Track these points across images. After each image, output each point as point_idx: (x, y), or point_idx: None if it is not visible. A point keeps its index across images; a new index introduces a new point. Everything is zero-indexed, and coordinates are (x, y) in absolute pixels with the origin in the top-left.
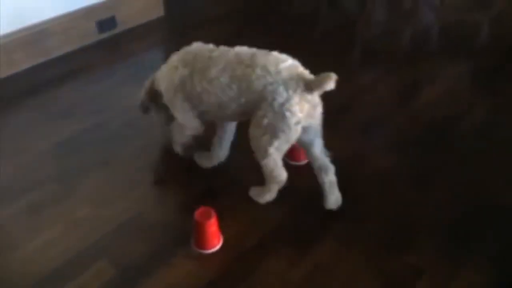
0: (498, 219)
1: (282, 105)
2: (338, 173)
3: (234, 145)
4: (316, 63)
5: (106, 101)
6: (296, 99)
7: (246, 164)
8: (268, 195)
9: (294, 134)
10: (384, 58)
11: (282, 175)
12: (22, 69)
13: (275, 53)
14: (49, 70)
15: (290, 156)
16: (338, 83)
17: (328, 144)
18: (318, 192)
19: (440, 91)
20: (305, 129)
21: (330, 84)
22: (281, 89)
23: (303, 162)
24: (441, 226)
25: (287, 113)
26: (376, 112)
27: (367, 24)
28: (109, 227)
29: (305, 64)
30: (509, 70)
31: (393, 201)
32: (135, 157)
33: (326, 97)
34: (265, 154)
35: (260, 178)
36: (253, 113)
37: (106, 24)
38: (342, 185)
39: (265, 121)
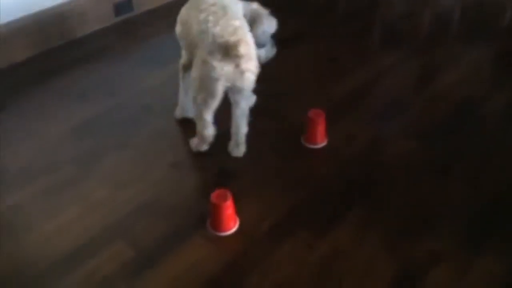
0: None
1: (205, 56)
2: (357, 158)
3: (251, 126)
4: (336, 46)
5: (122, 84)
6: (218, 56)
7: (263, 146)
8: (196, 144)
9: (214, 90)
10: (404, 41)
11: (207, 130)
12: (38, 52)
13: (238, 12)
14: (65, 53)
15: (307, 139)
16: (358, 66)
17: (347, 128)
18: (336, 176)
19: (461, 74)
20: (229, 89)
21: (238, 50)
22: (209, 41)
23: (321, 145)
24: (461, 214)
25: (209, 67)
26: (396, 96)
27: (387, 6)
28: (126, 209)
29: (326, 47)
30: None
31: (414, 186)
32: (151, 140)
33: (346, 81)
34: (194, 103)
35: (278, 159)
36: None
37: (122, 7)
38: (361, 170)
39: (194, 70)
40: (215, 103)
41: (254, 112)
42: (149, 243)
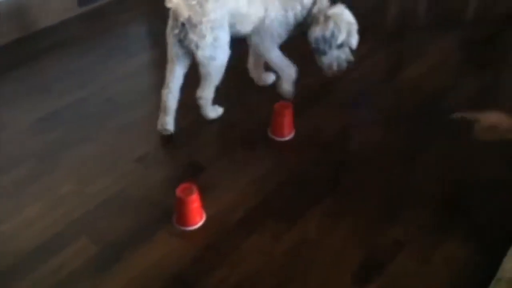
0: (482, 194)
1: None
2: (324, 149)
3: (220, 119)
4: (305, 39)
5: (89, 75)
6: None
7: (231, 138)
8: None
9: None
10: (371, 33)
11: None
12: (1, 44)
13: None
14: (28, 45)
15: (274, 132)
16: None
17: (316, 118)
18: (304, 167)
19: (428, 65)
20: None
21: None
22: None
23: (288, 137)
24: (427, 201)
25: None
26: (364, 87)
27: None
28: (92, 204)
29: (291, 40)
30: (497, 42)
31: (381, 175)
32: (118, 133)
33: (315, 72)
34: None
35: (246, 152)
36: None
37: None
38: (330, 160)
39: None
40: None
41: (223, 104)
42: (115, 238)
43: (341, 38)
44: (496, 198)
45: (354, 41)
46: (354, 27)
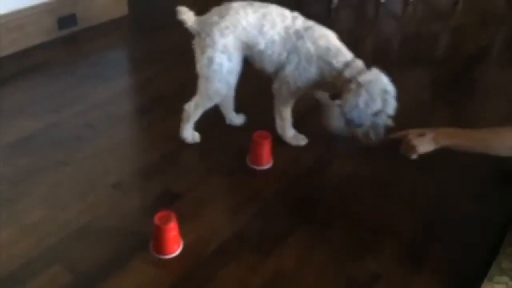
0: (454, 229)
1: None
2: (301, 179)
3: (198, 145)
4: None
5: (64, 99)
6: None
7: (209, 166)
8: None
9: None
10: None
11: None
12: None
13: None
14: (5, 66)
15: (253, 161)
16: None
17: (294, 148)
18: (281, 198)
19: (400, 101)
20: None
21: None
22: None
23: (267, 166)
24: (402, 233)
25: None
26: None
27: None
28: (65, 231)
29: None
30: (466, 80)
31: (356, 207)
32: (93, 158)
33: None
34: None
35: (224, 180)
36: None
37: (66, 21)
38: (307, 190)
39: None
40: None
41: (202, 130)
42: (89, 267)
43: (375, 108)
44: (468, 232)
45: (391, 109)
46: (391, 94)
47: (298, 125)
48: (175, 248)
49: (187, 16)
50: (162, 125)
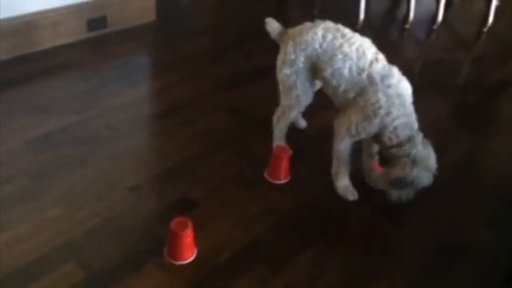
0: (468, 255)
1: None
2: (318, 197)
3: (216, 156)
4: None
5: (88, 100)
6: None
7: (226, 177)
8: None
9: None
10: None
11: None
12: (5, 59)
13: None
14: (33, 63)
15: (271, 174)
16: (327, 106)
17: (312, 164)
18: (297, 213)
19: (421, 127)
20: None
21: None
22: None
23: (284, 180)
24: (415, 258)
25: None
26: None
27: None
28: (81, 229)
29: None
30: (487, 109)
31: (371, 228)
32: (112, 160)
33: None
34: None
35: (240, 191)
36: None
37: (96, 23)
38: (322, 207)
39: None
40: None
41: (222, 143)
42: (102, 267)
43: (422, 184)
44: (482, 259)
45: (427, 183)
46: (433, 171)
47: (318, 142)
48: (189, 255)
49: (273, 27)
50: (182, 131)
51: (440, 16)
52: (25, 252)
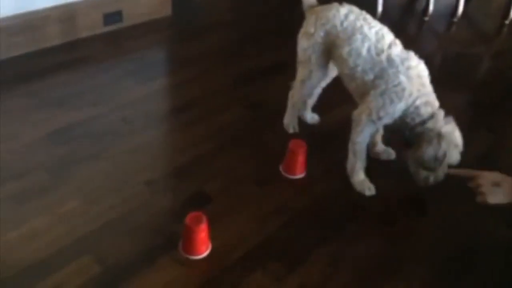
0: (488, 258)
1: None
2: (333, 192)
3: (230, 151)
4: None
5: (104, 94)
6: None
7: (241, 172)
8: None
9: None
10: None
11: None
12: (21, 53)
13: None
14: (49, 57)
15: (286, 170)
16: (345, 101)
17: (329, 160)
18: (311, 209)
19: None
20: None
21: None
22: None
23: (299, 176)
24: (431, 258)
25: None
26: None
27: None
28: (97, 223)
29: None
30: (507, 106)
31: (387, 227)
32: (129, 154)
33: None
34: None
35: (255, 187)
36: None
37: (112, 17)
38: (338, 204)
39: None
40: None
41: (237, 138)
42: (117, 260)
43: (452, 160)
44: (502, 261)
45: (455, 161)
46: (460, 149)
47: (334, 138)
48: (203, 250)
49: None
50: (197, 127)
51: (460, 9)
52: (41, 246)
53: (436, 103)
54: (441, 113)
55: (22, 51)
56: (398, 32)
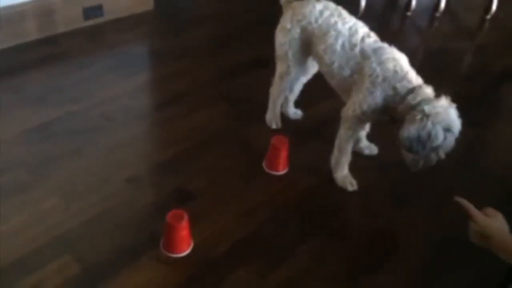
0: (470, 252)
1: None
2: (317, 187)
3: (213, 147)
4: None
5: (84, 90)
6: None
7: (223, 168)
8: None
9: None
10: None
11: None
12: (0, 48)
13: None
14: (28, 52)
15: (269, 166)
16: (327, 96)
17: (311, 155)
18: (294, 205)
19: None
20: None
21: None
22: None
23: (282, 172)
24: (416, 252)
25: None
26: None
27: None
28: (76, 221)
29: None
30: (490, 100)
31: (371, 220)
32: (109, 150)
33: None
34: None
35: (237, 183)
36: None
37: (92, 11)
38: (321, 199)
39: None
40: None
41: (221, 136)
42: (97, 259)
43: (436, 143)
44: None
45: (449, 147)
46: (455, 133)
47: (316, 133)
48: (185, 248)
49: None
50: (179, 123)
51: (442, 3)
52: (20, 244)
53: (418, 80)
54: (424, 89)
55: (0, 47)
56: (381, 27)
